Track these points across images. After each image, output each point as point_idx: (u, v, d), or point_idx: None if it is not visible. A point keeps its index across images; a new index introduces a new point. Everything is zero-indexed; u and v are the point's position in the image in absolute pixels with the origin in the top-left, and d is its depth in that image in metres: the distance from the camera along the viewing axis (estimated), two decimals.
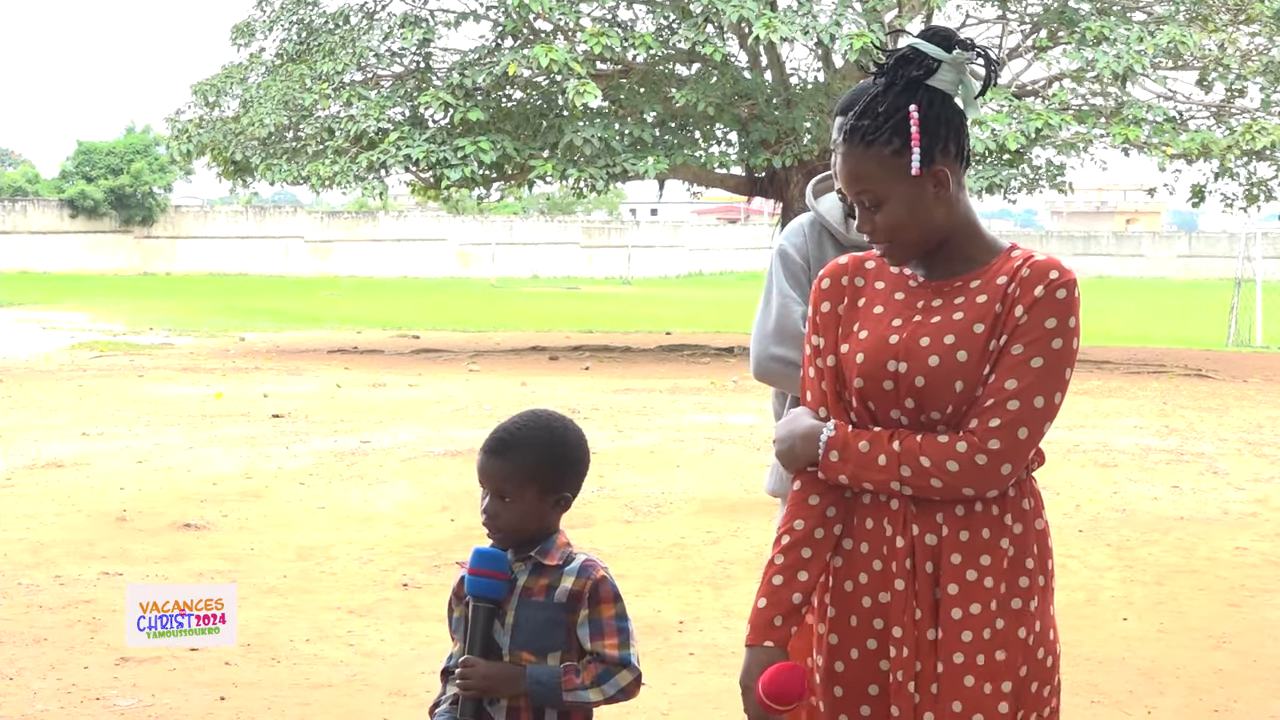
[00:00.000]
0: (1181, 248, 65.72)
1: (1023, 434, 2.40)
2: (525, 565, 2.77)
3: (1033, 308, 2.41)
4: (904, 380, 2.46)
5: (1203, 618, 6.39)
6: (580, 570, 2.76)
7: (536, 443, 2.80)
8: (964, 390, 2.43)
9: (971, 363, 2.43)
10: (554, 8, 18.75)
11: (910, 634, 2.46)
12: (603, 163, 19.09)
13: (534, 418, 2.85)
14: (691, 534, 7.89)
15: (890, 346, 2.48)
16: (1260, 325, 25.74)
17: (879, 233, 2.50)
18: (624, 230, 59.56)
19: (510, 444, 2.79)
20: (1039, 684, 2.51)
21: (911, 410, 2.46)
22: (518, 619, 2.75)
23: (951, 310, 2.47)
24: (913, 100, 2.44)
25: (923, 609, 2.46)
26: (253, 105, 20.55)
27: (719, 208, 77.17)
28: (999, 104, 18.59)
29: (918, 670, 2.46)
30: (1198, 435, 12.32)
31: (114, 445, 10.67)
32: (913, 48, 2.46)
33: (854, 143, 2.47)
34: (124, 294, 34.75)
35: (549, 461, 2.79)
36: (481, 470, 2.80)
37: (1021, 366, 2.40)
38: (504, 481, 2.77)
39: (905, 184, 2.45)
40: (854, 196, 2.50)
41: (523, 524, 2.78)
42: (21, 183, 56.14)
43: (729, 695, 5.23)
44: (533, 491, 2.77)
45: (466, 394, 14.50)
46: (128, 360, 18.02)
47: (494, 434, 2.82)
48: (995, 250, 2.53)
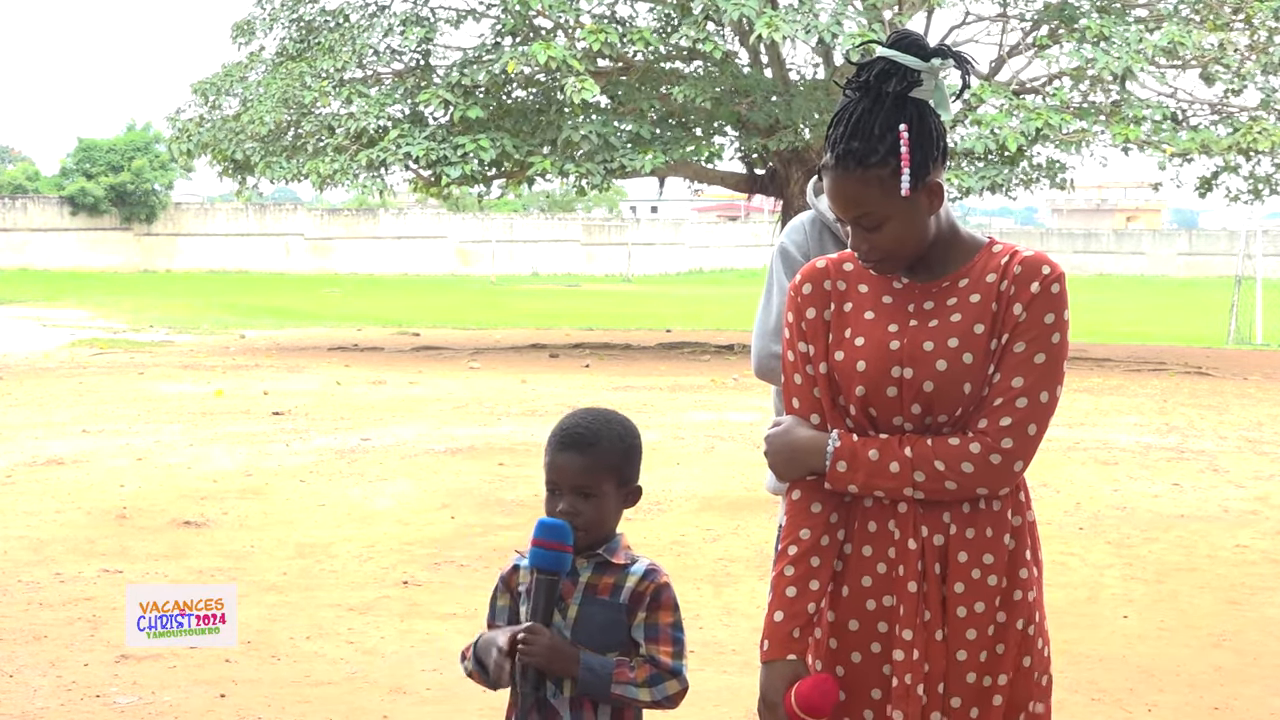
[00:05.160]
0: (1182, 245, 65.68)
1: (1032, 430, 2.43)
2: (590, 562, 2.75)
3: (1031, 305, 2.43)
4: (910, 386, 2.46)
5: (1203, 615, 6.40)
6: (645, 573, 2.75)
7: (612, 435, 2.78)
8: (971, 392, 2.44)
9: (976, 364, 2.44)
10: (554, 5, 18.75)
11: (921, 637, 2.46)
12: (600, 158, 19.09)
13: (599, 412, 2.83)
14: (691, 532, 7.89)
15: (892, 353, 2.47)
16: (1260, 323, 25.73)
17: (876, 251, 2.49)
18: (624, 228, 59.54)
19: (589, 438, 2.75)
20: (1040, 673, 2.52)
21: (917, 415, 2.47)
22: (581, 614, 2.72)
23: (947, 312, 2.48)
24: (902, 119, 2.42)
25: (932, 611, 2.46)
26: (253, 103, 20.56)
27: (719, 205, 77.15)
28: (999, 102, 18.59)
29: (926, 672, 2.46)
30: (1198, 433, 12.32)
31: (114, 443, 10.67)
32: (890, 60, 2.43)
33: (849, 167, 2.43)
34: (124, 291, 34.75)
35: (624, 453, 2.78)
36: (561, 469, 2.73)
37: (1026, 364, 2.42)
38: (587, 476, 2.73)
39: (904, 203, 2.44)
40: (851, 220, 2.47)
41: (604, 520, 2.76)
42: (22, 180, 56.09)
43: (729, 693, 5.24)
44: (612, 485, 2.76)
45: (467, 391, 14.50)
46: (128, 358, 18.02)
47: (569, 430, 2.76)
48: (975, 247, 2.53)
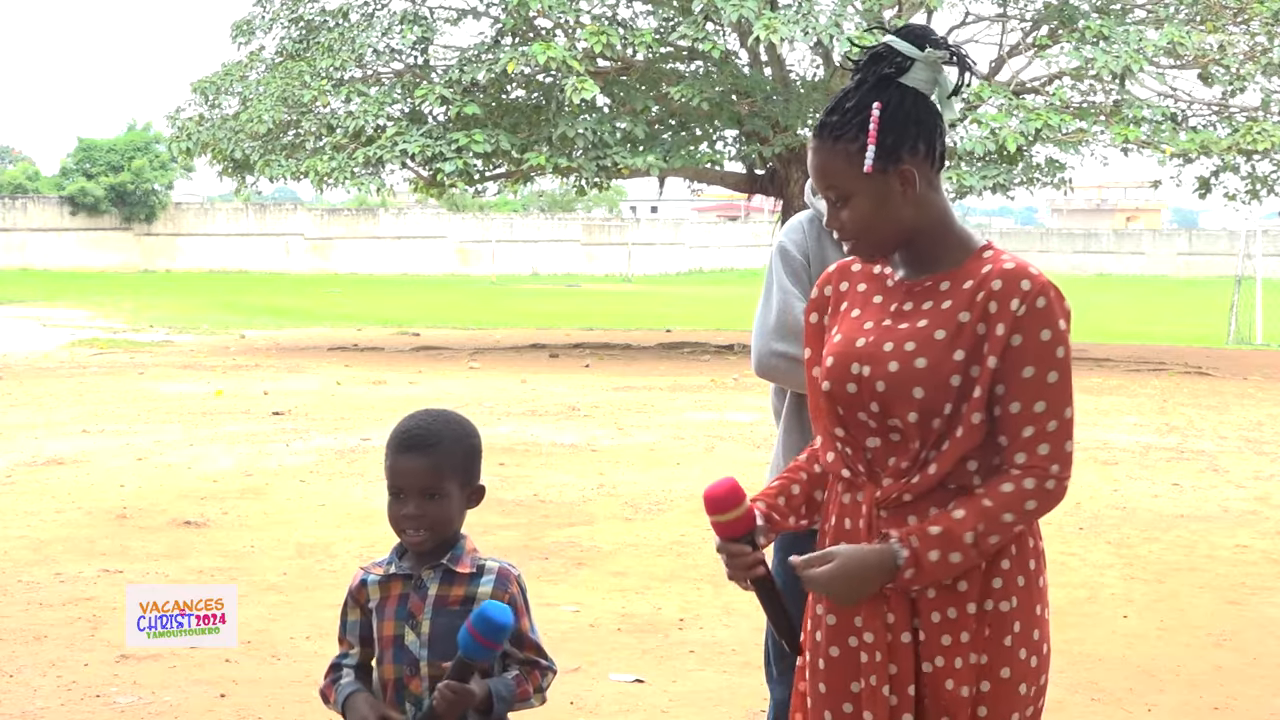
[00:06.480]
0: (1182, 245, 65.66)
1: (1069, 446, 2.45)
2: (435, 573, 2.74)
3: (1020, 327, 2.41)
4: (866, 384, 2.47)
5: (1203, 615, 6.39)
6: (498, 581, 2.74)
7: (453, 435, 2.77)
8: (924, 398, 2.43)
9: (930, 369, 2.43)
10: (554, 5, 18.74)
11: (883, 638, 2.47)
12: (594, 154, 19.10)
13: (438, 413, 2.82)
14: (692, 531, 7.89)
15: (856, 350, 2.50)
16: (1260, 323, 25.73)
17: (845, 229, 2.51)
18: (624, 228, 59.54)
19: (431, 439, 2.74)
20: (1026, 685, 2.49)
21: (876, 414, 2.47)
22: (434, 628, 2.71)
23: (918, 315, 2.48)
24: (879, 98, 2.44)
25: (896, 613, 2.46)
26: (252, 102, 20.56)
27: (719, 205, 77.15)
28: (999, 102, 18.59)
29: (892, 674, 2.47)
30: (1198, 433, 12.32)
31: (114, 443, 10.67)
32: (886, 45, 2.46)
33: (823, 138, 2.49)
34: (124, 291, 34.73)
35: (466, 453, 2.77)
36: (405, 472, 2.72)
37: (1042, 388, 2.42)
38: (431, 478, 2.71)
39: (870, 181, 2.46)
40: (822, 192, 2.52)
41: (450, 520, 2.74)
42: (22, 180, 56.08)
43: (729, 692, 5.24)
44: (455, 485, 2.74)
45: (467, 391, 14.50)
46: (128, 358, 18.02)
47: (410, 432, 2.75)
48: (967, 250, 2.52)
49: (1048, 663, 2.54)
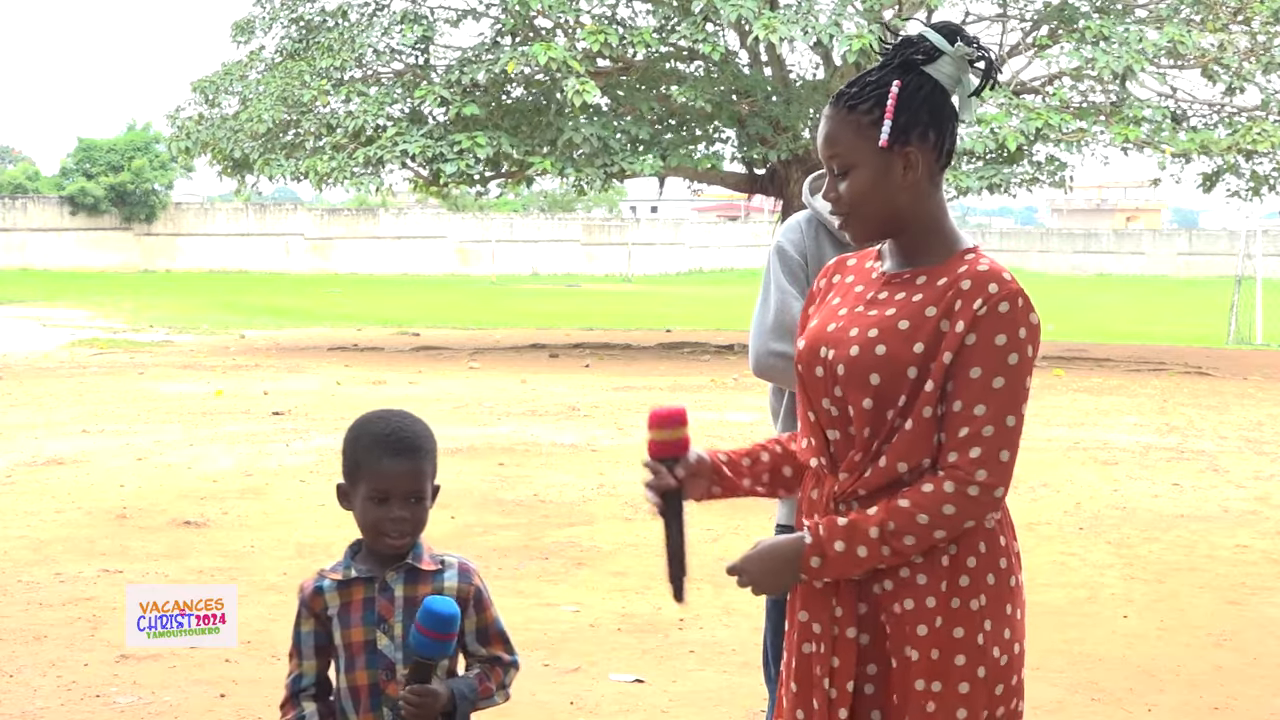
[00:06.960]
0: (1182, 245, 65.63)
1: (1004, 456, 2.39)
2: (399, 574, 2.71)
3: (978, 327, 2.39)
4: (829, 367, 2.48)
5: (1203, 615, 6.40)
6: (460, 575, 2.74)
7: (428, 435, 2.77)
8: (880, 384, 2.42)
9: (888, 358, 2.42)
10: (554, 5, 18.74)
11: (828, 631, 2.47)
12: (600, 162, 19.09)
13: (405, 414, 2.79)
14: (691, 532, 7.88)
15: (826, 334, 2.52)
16: (1260, 323, 25.72)
17: (841, 201, 2.52)
18: (624, 228, 59.52)
19: (415, 442, 2.72)
20: (999, 684, 2.46)
21: (839, 400, 2.47)
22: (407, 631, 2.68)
23: (889, 305, 2.49)
24: (900, 78, 2.47)
25: (843, 606, 2.46)
26: (252, 102, 20.56)
27: (719, 205, 77.15)
28: (999, 101, 18.58)
29: (834, 666, 2.46)
30: (1198, 433, 12.32)
31: (114, 443, 10.67)
32: (920, 34, 2.49)
33: (838, 106, 2.51)
34: (124, 291, 34.73)
35: (435, 452, 2.78)
36: (395, 476, 2.68)
37: (985, 391, 2.38)
38: (419, 481, 2.70)
39: (874, 155, 2.46)
40: (825, 160, 2.53)
41: (426, 523, 2.75)
42: (22, 179, 56.06)
43: (729, 692, 5.24)
44: (430, 486, 2.74)
45: (467, 391, 14.50)
46: (128, 358, 18.02)
47: (394, 435, 2.71)
48: (952, 249, 2.51)
49: (1020, 662, 2.51)
